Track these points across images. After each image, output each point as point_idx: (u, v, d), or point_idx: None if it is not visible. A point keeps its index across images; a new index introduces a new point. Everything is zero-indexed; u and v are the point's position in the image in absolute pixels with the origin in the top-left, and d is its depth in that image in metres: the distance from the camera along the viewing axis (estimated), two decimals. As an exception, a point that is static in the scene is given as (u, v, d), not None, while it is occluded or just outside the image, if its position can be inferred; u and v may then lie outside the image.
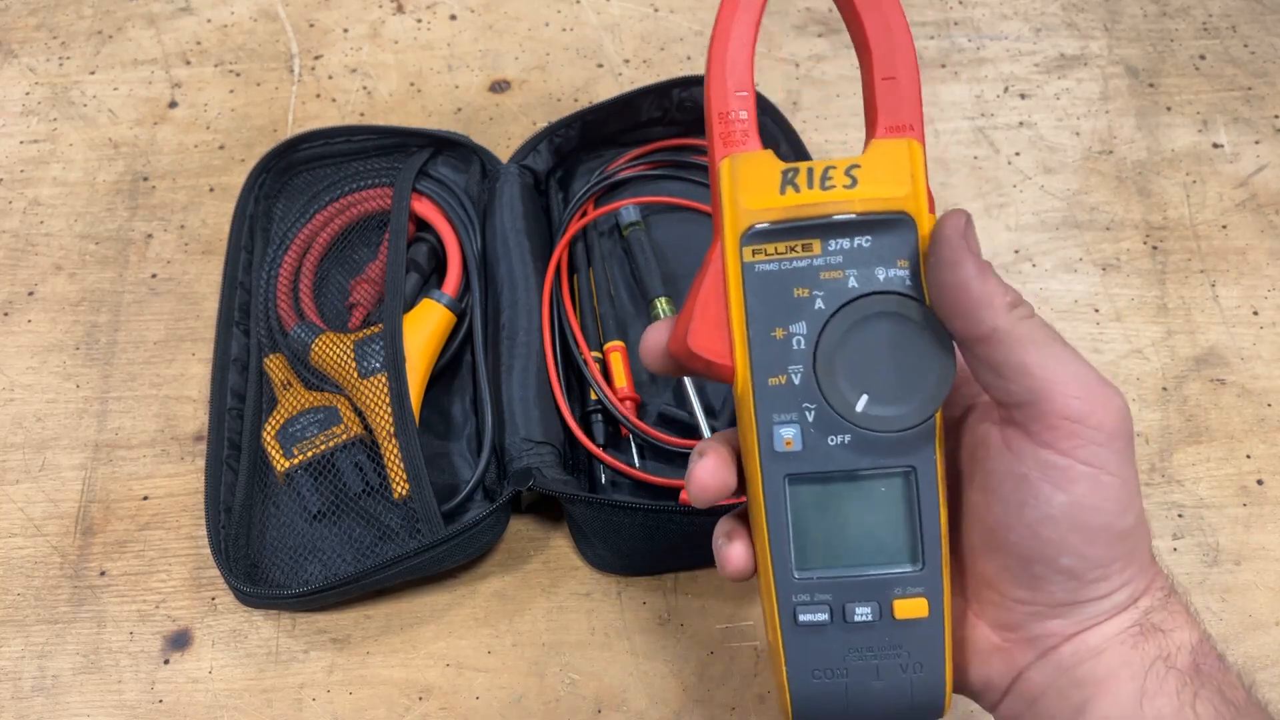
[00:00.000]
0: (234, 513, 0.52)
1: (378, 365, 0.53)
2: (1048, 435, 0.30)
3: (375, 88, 0.69)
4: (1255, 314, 0.60)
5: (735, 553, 0.34)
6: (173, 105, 0.69)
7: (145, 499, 0.55)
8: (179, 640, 0.51)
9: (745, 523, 0.35)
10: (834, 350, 0.32)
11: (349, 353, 0.54)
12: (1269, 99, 0.68)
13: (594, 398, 0.55)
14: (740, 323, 0.32)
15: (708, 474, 0.34)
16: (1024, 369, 0.30)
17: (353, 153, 0.63)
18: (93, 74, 0.70)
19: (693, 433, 0.54)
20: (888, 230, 0.32)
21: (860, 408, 0.32)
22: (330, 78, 0.70)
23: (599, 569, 0.53)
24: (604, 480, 0.54)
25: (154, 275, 0.62)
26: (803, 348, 0.32)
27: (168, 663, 0.50)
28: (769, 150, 0.32)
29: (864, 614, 0.33)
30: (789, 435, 0.32)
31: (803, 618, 0.33)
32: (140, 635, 0.51)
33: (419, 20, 0.73)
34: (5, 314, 0.61)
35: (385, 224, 0.60)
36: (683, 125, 0.64)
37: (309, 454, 0.53)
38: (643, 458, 0.54)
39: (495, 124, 0.68)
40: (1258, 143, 0.66)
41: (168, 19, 0.73)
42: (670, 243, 0.60)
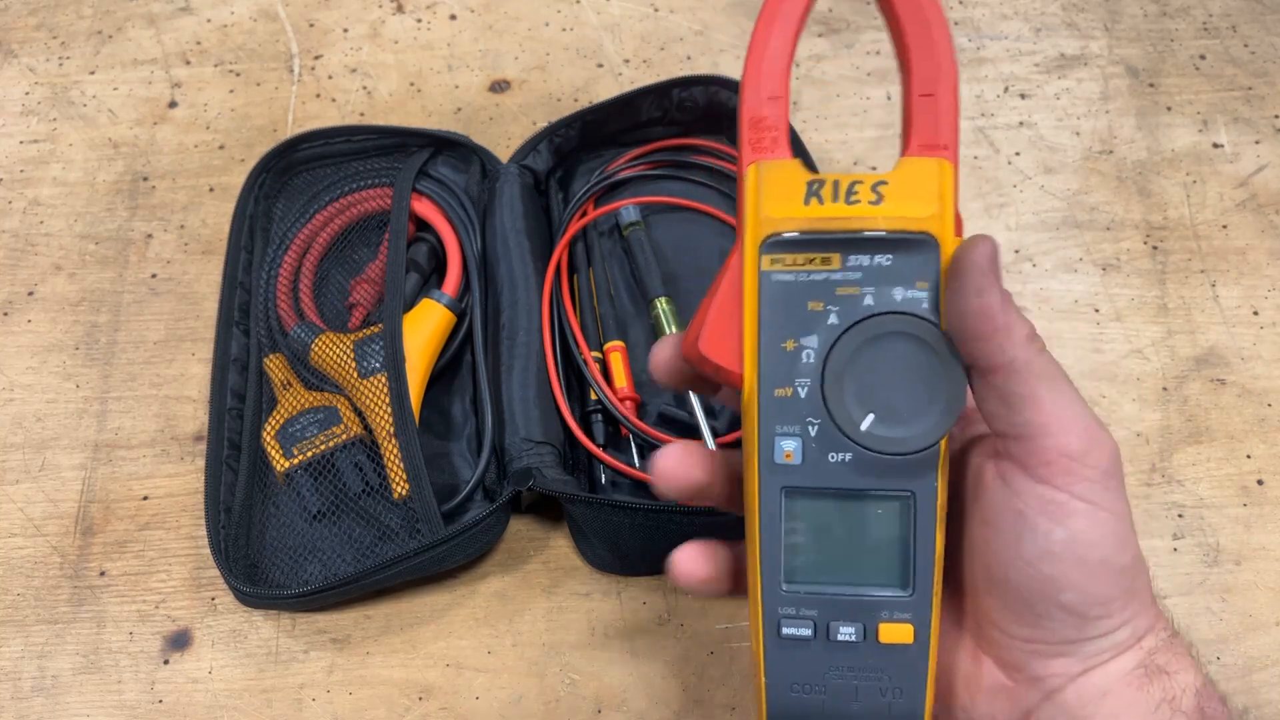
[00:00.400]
0: (234, 513, 0.52)
1: (377, 365, 0.53)
2: (1044, 470, 0.30)
3: (375, 88, 0.69)
4: (1255, 314, 0.60)
5: (683, 555, 0.35)
6: (173, 105, 0.69)
7: (145, 499, 0.55)
8: (179, 640, 0.51)
9: (722, 536, 0.35)
10: (843, 367, 0.31)
11: (349, 353, 0.54)
12: (1269, 99, 0.68)
13: (594, 398, 0.55)
14: (752, 331, 0.32)
15: (671, 459, 0.34)
16: (1034, 401, 0.30)
17: (353, 153, 0.63)
18: (93, 74, 0.70)
19: (693, 433, 0.54)
20: (910, 250, 0.31)
21: (865, 427, 0.32)
22: (330, 78, 0.70)
23: (599, 569, 0.53)
24: (604, 480, 0.54)
25: (154, 275, 0.62)
26: (812, 361, 0.32)
27: (167, 663, 0.50)
28: (797, 159, 0.32)
29: (848, 633, 0.33)
30: (789, 448, 0.32)
31: (786, 631, 0.33)
32: (140, 635, 0.51)
33: (419, 20, 0.73)
34: (5, 314, 0.61)
35: (385, 224, 0.60)
36: (683, 125, 0.64)
37: (309, 454, 0.53)
38: (643, 458, 0.54)
39: (495, 124, 0.68)
40: (1258, 143, 0.66)
41: (168, 19, 0.73)
42: (670, 243, 0.60)
